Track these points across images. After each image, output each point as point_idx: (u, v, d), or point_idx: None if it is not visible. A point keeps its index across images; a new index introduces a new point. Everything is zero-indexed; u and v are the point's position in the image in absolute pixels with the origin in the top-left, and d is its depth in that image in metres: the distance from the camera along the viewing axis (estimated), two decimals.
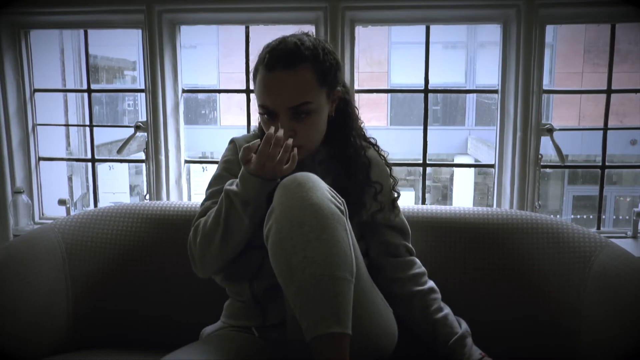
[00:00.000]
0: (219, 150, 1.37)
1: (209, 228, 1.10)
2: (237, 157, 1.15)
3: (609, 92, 1.84)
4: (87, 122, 2.14)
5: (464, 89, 8.33)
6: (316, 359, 0.88)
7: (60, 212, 2.02)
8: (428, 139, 1.90)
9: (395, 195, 1.26)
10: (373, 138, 1.30)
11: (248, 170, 1.04)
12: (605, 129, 1.87)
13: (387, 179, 1.25)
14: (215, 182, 1.22)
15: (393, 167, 1.29)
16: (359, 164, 1.20)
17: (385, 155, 1.28)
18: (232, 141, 1.28)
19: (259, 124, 1.25)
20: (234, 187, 1.08)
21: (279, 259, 0.94)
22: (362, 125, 1.27)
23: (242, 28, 1.90)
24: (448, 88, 4.35)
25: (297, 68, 1.08)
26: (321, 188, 0.97)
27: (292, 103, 1.08)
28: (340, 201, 1.00)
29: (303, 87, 1.08)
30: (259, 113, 1.14)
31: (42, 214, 2.09)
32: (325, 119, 1.16)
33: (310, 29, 1.79)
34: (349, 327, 0.90)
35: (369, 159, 1.23)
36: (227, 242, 1.09)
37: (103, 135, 2.50)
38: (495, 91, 1.85)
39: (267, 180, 1.04)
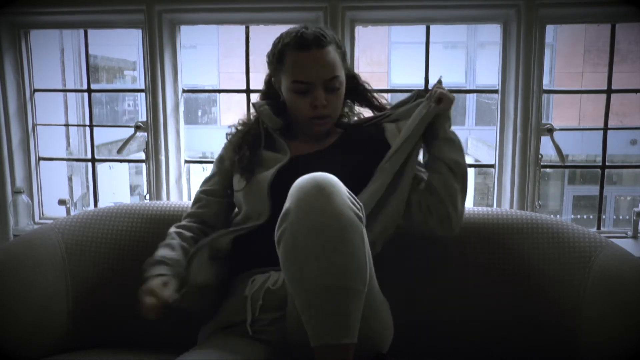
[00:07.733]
0: (219, 150, 1.39)
1: None
2: (226, 153, 1.32)
3: (609, 92, 1.84)
4: (87, 122, 2.14)
5: (464, 89, 8.31)
6: None
7: (60, 212, 2.02)
8: None
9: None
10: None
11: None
12: (605, 129, 1.87)
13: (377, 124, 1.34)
14: (205, 182, 1.34)
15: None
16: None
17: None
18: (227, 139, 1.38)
19: (250, 110, 1.34)
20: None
21: (291, 265, 0.93)
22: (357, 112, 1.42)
23: (242, 28, 1.90)
24: (448, 88, 4.33)
25: (327, 47, 1.22)
26: (341, 193, 0.93)
27: (328, 76, 1.22)
28: (359, 207, 0.97)
29: (334, 63, 1.23)
30: (292, 90, 1.23)
31: (42, 214, 2.09)
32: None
33: None
34: (356, 336, 0.90)
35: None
36: None
37: (103, 135, 2.49)
38: (495, 91, 1.85)
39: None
